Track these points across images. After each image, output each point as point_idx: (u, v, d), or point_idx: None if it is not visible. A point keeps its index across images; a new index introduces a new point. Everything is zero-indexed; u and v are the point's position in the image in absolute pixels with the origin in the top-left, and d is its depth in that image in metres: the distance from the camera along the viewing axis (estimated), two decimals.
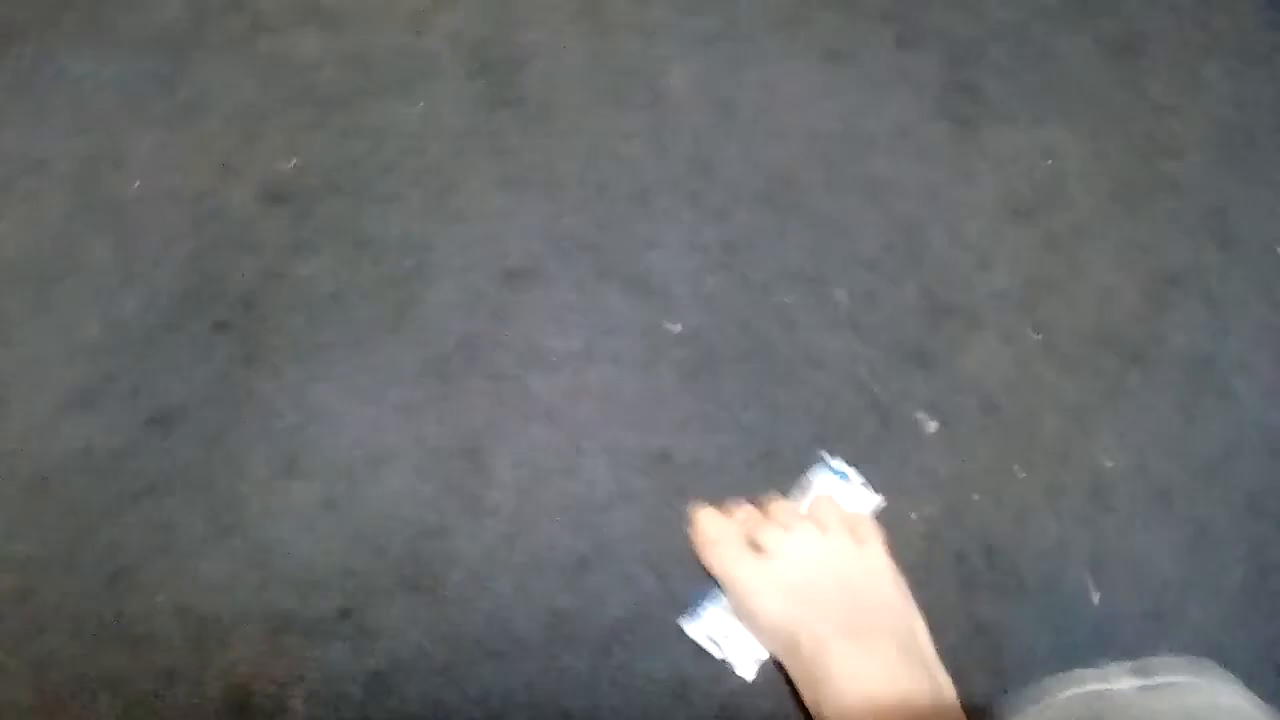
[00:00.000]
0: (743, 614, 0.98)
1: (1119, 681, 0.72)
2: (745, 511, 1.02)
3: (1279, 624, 1.08)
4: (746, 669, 1.00)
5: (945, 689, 0.89)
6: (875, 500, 1.04)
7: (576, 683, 1.02)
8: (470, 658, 1.02)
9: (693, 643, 1.02)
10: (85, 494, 1.02)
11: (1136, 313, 1.12)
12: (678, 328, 1.08)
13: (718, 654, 1.00)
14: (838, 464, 1.05)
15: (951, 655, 0.95)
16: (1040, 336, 1.11)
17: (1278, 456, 1.11)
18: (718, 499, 1.06)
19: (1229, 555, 1.08)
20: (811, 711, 0.93)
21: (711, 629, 1.01)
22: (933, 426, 1.09)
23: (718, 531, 1.01)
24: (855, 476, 1.04)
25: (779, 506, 1.01)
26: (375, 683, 1.01)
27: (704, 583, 1.02)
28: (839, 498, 1.03)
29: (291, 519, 1.04)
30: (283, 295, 1.07)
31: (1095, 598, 1.07)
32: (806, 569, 0.96)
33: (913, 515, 1.07)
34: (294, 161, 1.08)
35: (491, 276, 1.08)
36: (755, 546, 0.98)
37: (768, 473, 1.07)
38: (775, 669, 0.97)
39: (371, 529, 1.04)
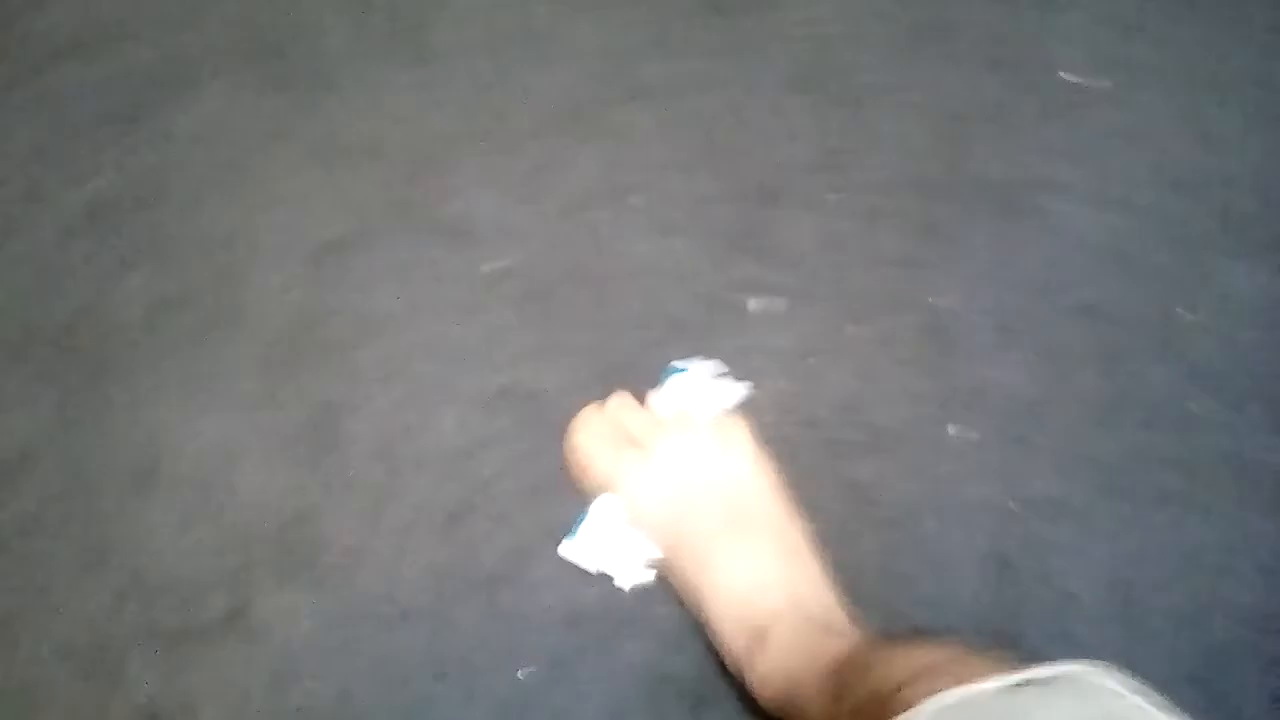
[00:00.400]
0: (629, 508, 1.00)
1: (984, 684, 0.71)
2: (619, 401, 1.03)
3: (1138, 422, 1.11)
4: (626, 579, 1.01)
5: (822, 581, 0.91)
6: (740, 389, 1.06)
7: (471, 633, 1.04)
8: (363, 632, 1.04)
9: (577, 568, 1.04)
10: None
11: (930, 153, 1.16)
12: (494, 266, 1.10)
13: (595, 569, 1.02)
14: (691, 363, 1.06)
15: (828, 518, 0.98)
16: (840, 196, 1.14)
17: (1100, 257, 1.15)
18: (566, 423, 1.07)
19: (1078, 364, 1.13)
20: (693, 611, 0.95)
21: (587, 546, 1.02)
22: (755, 304, 1.11)
23: (594, 426, 1.02)
24: (711, 368, 1.06)
25: (640, 412, 1.03)
26: (277, 677, 1.02)
27: (574, 507, 1.04)
28: (701, 395, 1.05)
29: (159, 534, 1.04)
30: (105, 321, 1.07)
31: (952, 430, 1.10)
32: (681, 469, 0.98)
33: (757, 391, 1.09)
34: (89, 186, 1.08)
35: (309, 253, 1.09)
36: (632, 441, 0.99)
37: (613, 387, 1.09)
38: (657, 579, 0.99)
39: (240, 526, 1.05)
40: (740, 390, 1.05)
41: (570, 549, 1.03)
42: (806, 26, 1.17)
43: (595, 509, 1.03)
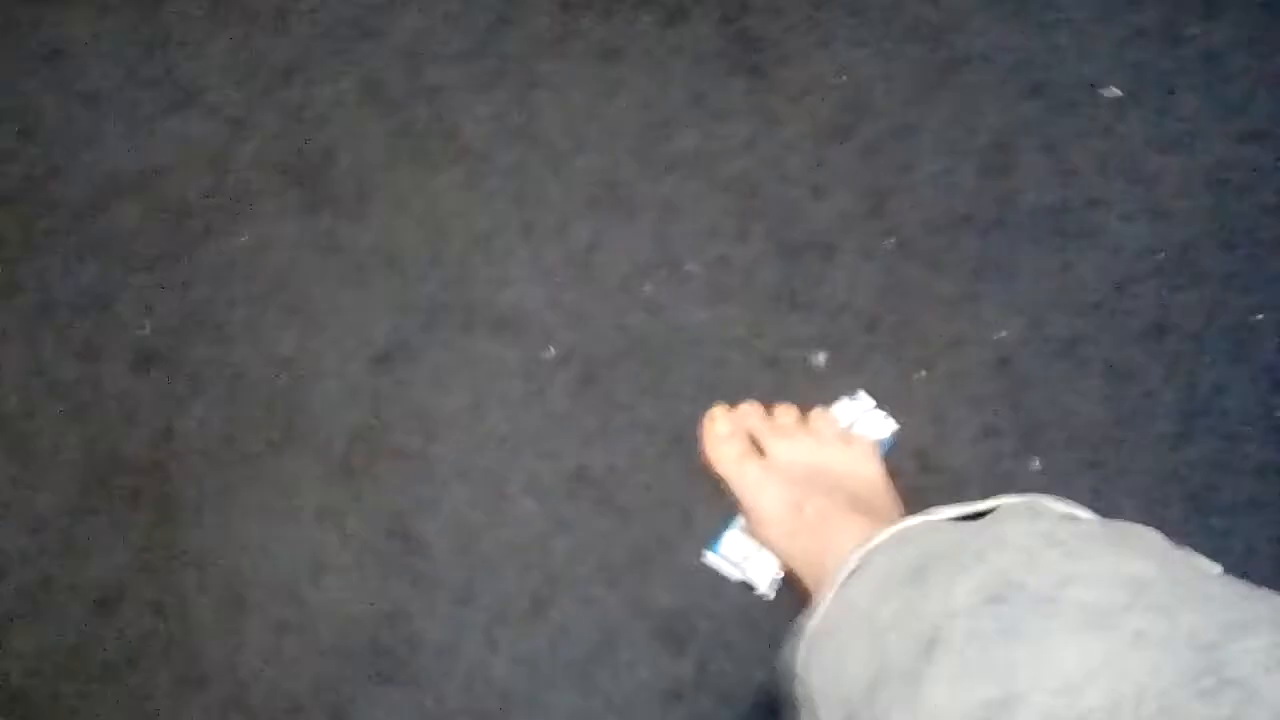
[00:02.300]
0: (748, 509, 1.00)
1: (923, 538, 0.73)
2: (751, 409, 1.04)
3: (1223, 433, 1.09)
4: (765, 588, 1.03)
5: None
6: (891, 425, 1.06)
7: (570, 716, 1.05)
8: None
9: (672, 642, 1.04)
10: (56, 691, 1.05)
11: (978, 186, 1.15)
12: (552, 352, 1.11)
13: (737, 576, 1.05)
14: (860, 395, 1.07)
15: None
16: (894, 241, 1.13)
17: (1162, 273, 1.13)
18: (643, 498, 1.08)
19: (1150, 381, 1.11)
20: (813, 591, 0.95)
21: (730, 553, 1.05)
22: (823, 359, 1.11)
23: (725, 428, 1.04)
24: (867, 399, 1.06)
25: (781, 411, 1.05)
26: None
27: (660, 578, 1.05)
28: (856, 422, 1.06)
29: (253, 653, 1.06)
30: (178, 450, 1.10)
31: (1036, 464, 1.09)
32: (807, 464, 0.99)
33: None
34: (145, 327, 1.11)
35: (364, 366, 1.11)
36: (758, 448, 1.02)
37: (683, 458, 1.09)
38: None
39: (332, 636, 1.07)
40: (891, 425, 1.05)
41: (713, 556, 1.06)
42: (839, 74, 1.17)
43: (738, 523, 1.05)
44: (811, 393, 1.11)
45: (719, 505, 1.08)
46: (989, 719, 0.55)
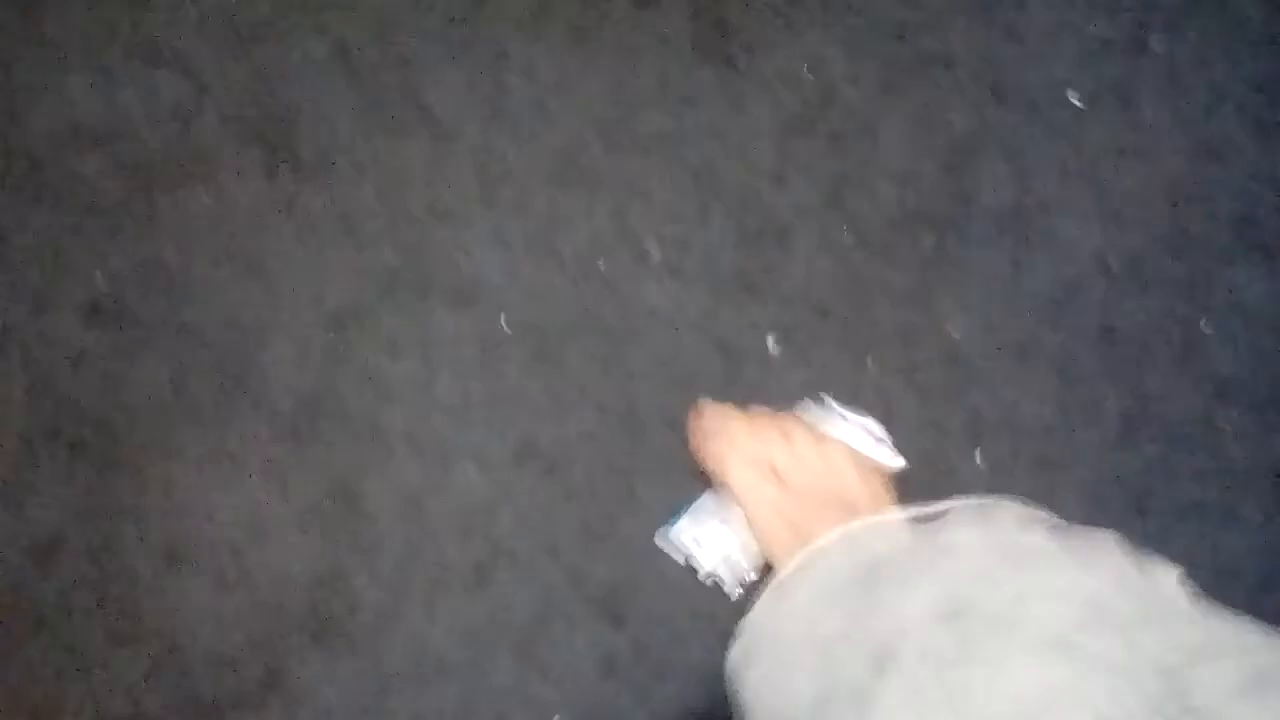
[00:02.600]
0: (738, 501, 0.99)
1: (876, 539, 0.72)
2: (759, 416, 1.03)
3: (1164, 438, 1.11)
4: (717, 570, 1.03)
5: None
6: (898, 461, 1.05)
7: (504, 686, 1.05)
8: (397, 689, 1.05)
9: (610, 616, 1.04)
10: None
11: (937, 184, 1.16)
12: (507, 323, 1.11)
13: (693, 562, 1.04)
14: (849, 412, 1.06)
15: None
16: (851, 233, 1.14)
17: (1112, 277, 1.15)
18: (590, 473, 1.09)
19: (1096, 383, 1.13)
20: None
21: (686, 532, 1.03)
22: (774, 345, 1.12)
23: (723, 427, 1.01)
24: (873, 427, 1.05)
25: (796, 428, 1.01)
26: None
27: (599, 561, 1.05)
28: (863, 446, 1.04)
29: (190, 607, 1.06)
30: (126, 403, 1.10)
31: (978, 458, 1.10)
32: (813, 494, 0.98)
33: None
34: (98, 277, 1.11)
35: (318, 325, 1.11)
36: (767, 463, 0.98)
37: (631, 435, 1.10)
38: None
39: (269, 594, 1.06)
40: (898, 461, 1.05)
41: (666, 538, 1.04)
42: (808, 67, 1.18)
43: (701, 506, 1.03)
44: (763, 375, 1.11)
45: (664, 484, 1.08)
46: None
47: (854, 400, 1.10)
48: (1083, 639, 0.54)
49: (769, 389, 1.11)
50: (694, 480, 1.05)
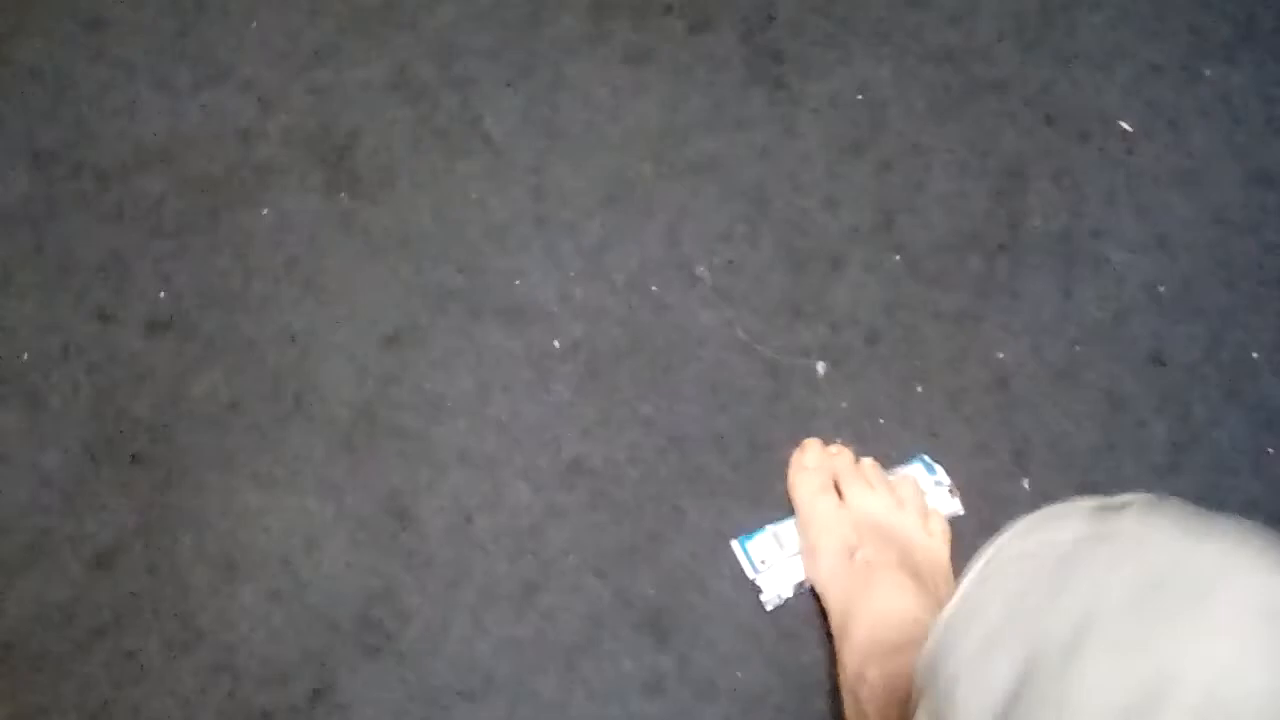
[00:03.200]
0: (807, 538, 1.01)
1: (1064, 528, 0.71)
2: (842, 454, 1.05)
3: (1213, 466, 1.11)
4: (770, 595, 1.04)
5: None
6: (954, 504, 1.07)
7: (551, 703, 1.06)
8: (444, 705, 1.06)
9: (656, 636, 1.05)
10: (46, 647, 1.07)
11: (988, 209, 1.17)
12: (559, 343, 1.13)
13: (751, 575, 1.05)
14: (932, 463, 1.08)
15: None
16: (901, 257, 1.15)
17: (1161, 304, 1.15)
18: (639, 493, 1.10)
19: (1145, 411, 1.12)
20: (836, 631, 0.95)
21: (756, 552, 1.05)
22: (823, 369, 1.13)
23: (813, 461, 1.05)
24: (944, 478, 1.07)
25: (870, 465, 1.05)
26: None
27: (646, 579, 1.07)
28: (926, 486, 1.06)
29: (244, 620, 1.08)
30: (186, 415, 1.12)
31: (1026, 484, 1.10)
32: (875, 519, 0.99)
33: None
34: (162, 293, 1.13)
35: (373, 345, 1.13)
36: (838, 491, 1.02)
37: (679, 456, 1.11)
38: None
39: (321, 608, 1.08)
40: (954, 505, 1.06)
41: (741, 548, 1.06)
42: (859, 92, 1.19)
43: (779, 529, 1.06)
44: (812, 399, 1.12)
45: (711, 505, 1.09)
46: (1146, 696, 0.54)
47: (902, 425, 1.11)
48: None
49: (817, 412, 1.12)
50: (748, 504, 1.08)
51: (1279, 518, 1.12)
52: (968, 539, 1.03)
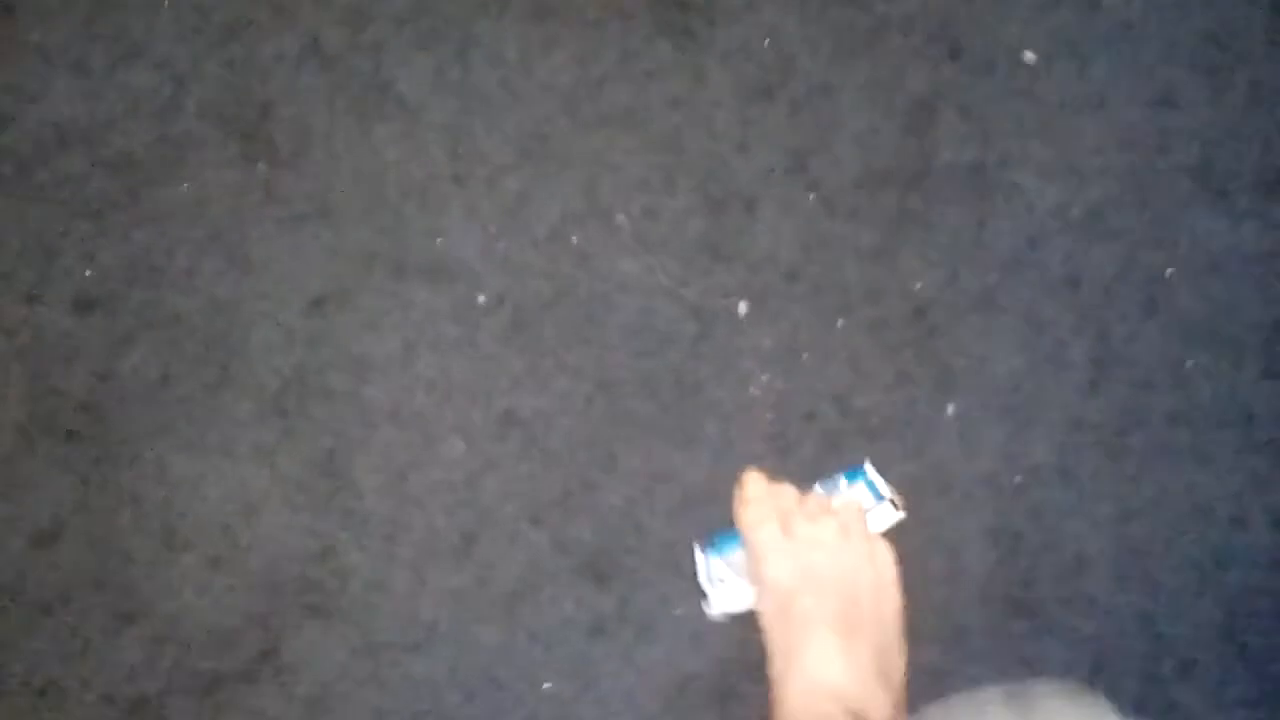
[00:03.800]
0: (752, 571, 1.02)
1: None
2: (786, 490, 1.06)
3: (1135, 383, 1.13)
4: (716, 611, 1.03)
5: (899, 712, 0.93)
6: (897, 516, 1.07)
7: (494, 651, 1.08)
8: (390, 658, 1.08)
9: (595, 579, 1.07)
10: None
11: (899, 145, 1.18)
12: (484, 298, 1.14)
13: (704, 585, 1.03)
14: (874, 476, 1.07)
15: None
16: (816, 196, 1.17)
17: (1074, 230, 1.17)
18: (570, 441, 1.13)
19: (1063, 332, 1.15)
20: (774, 678, 0.97)
21: (718, 566, 1.03)
22: (745, 309, 1.15)
23: (756, 493, 1.04)
24: (886, 490, 1.07)
25: (814, 498, 1.05)
26: (312, 709, 1.07)
27: (580, 522, 1.08)
28: (866, 505, 1.06)
29: (187, 587, 1.09)
30: (117, 390, 1.13)
31: (950, 410, 1.12)
32: (819, 559, 1.00)
33: (753, 390, 1.12)
34: (88, 272, 1.14)
35: (299, 310, 1.14)
36: (784, 524, 1.02)
37: (608, 402, 1.13)
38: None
39: (262, 571, 1.10)
40: (897, 517, 1.06)
41: (703, 560, 1.03)
42: (766, 36, 1.20)
43: (738, 550, 1.05)
44: (735, 339, 1.13)
45: (642, 449, 1.12)
46: None
47: (825, 360, 1.13)
48: None
49: (741, 351, 1.14)
50: (678, 445, 1.10)
51: (1200, 429, 1.15)
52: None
